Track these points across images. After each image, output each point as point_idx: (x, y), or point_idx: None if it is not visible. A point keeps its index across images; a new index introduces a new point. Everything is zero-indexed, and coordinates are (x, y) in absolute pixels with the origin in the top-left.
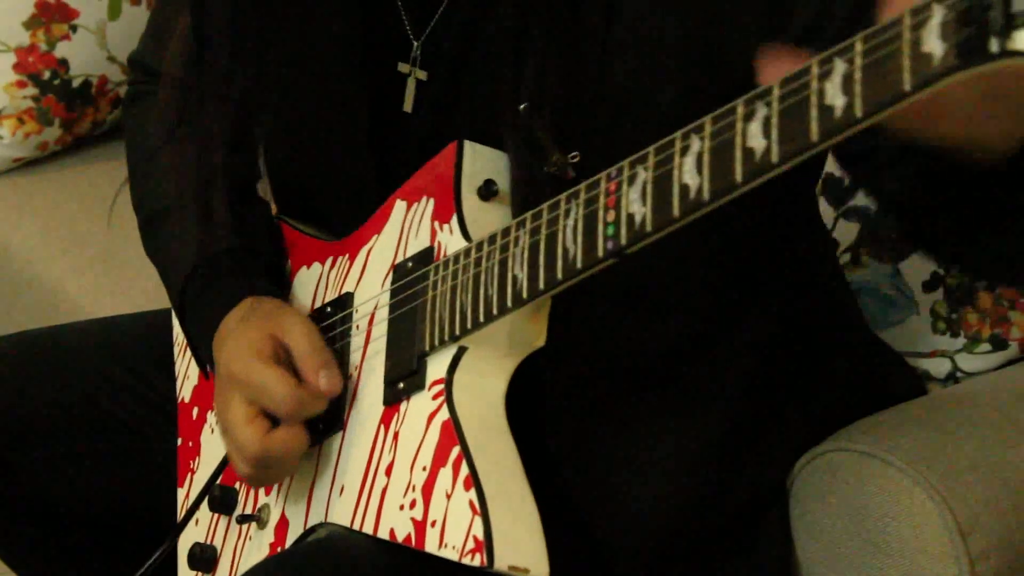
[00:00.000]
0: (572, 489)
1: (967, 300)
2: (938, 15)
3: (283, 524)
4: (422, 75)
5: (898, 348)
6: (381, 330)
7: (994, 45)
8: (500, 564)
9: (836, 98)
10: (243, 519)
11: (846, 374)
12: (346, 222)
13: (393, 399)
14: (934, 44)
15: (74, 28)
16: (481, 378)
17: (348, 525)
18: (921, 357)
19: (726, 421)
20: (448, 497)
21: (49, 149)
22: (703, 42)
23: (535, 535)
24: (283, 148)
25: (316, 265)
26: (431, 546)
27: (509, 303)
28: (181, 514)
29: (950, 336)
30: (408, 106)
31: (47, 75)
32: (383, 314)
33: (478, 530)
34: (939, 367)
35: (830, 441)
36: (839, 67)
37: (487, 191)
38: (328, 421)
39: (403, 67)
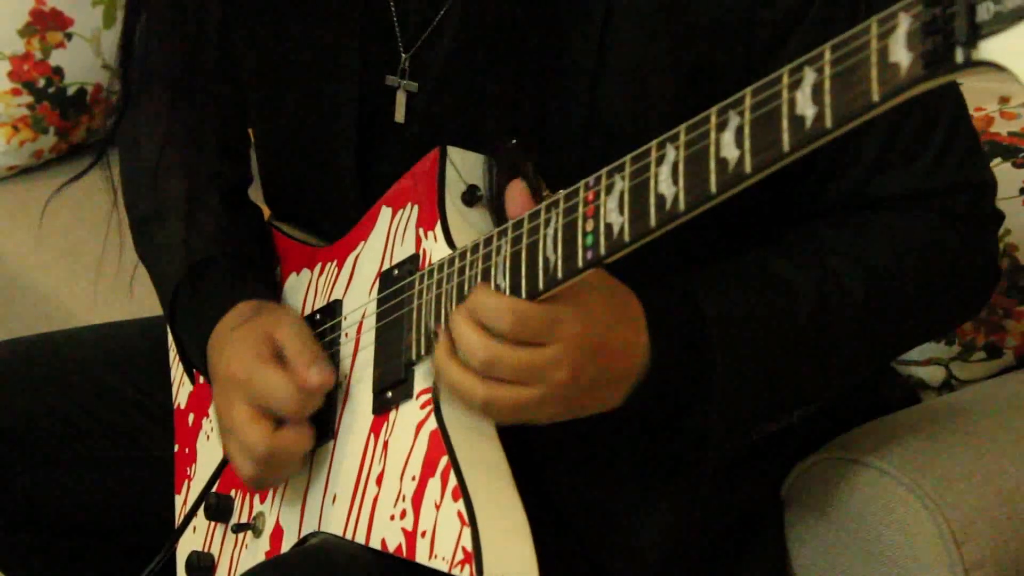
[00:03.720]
0: (566, 511)
1: None
2: (904, 24)
3: (278, 533)
4: (412, 87)
5: None
6: (369, 339)
7: (959, 55)
8: (489, 574)
9: (807, 108)
10: (239, 528)
11: None
12: (335, 227)
13: (382, 408)
14: (901, 54)
15: (69, 36)
16: None
17: (341, 534)
18: (916, 365)
19: None
20: (437, 507)
21: (44, 157)
22: (693, 66)
23: (524, 545)
24: (273, 153)
25: (305, 271)
26: (421, 557)
27: None
28: (179, 521)
29: (945, 344)
30: (400, 116)
31: (42, 83)
32: (371, 322)
33: (467, 541)
34: (934, 375)
35: (824, 450)
36: (809, 76)
37: (471, 197)
38: (319, 429)
39: (391, 79)
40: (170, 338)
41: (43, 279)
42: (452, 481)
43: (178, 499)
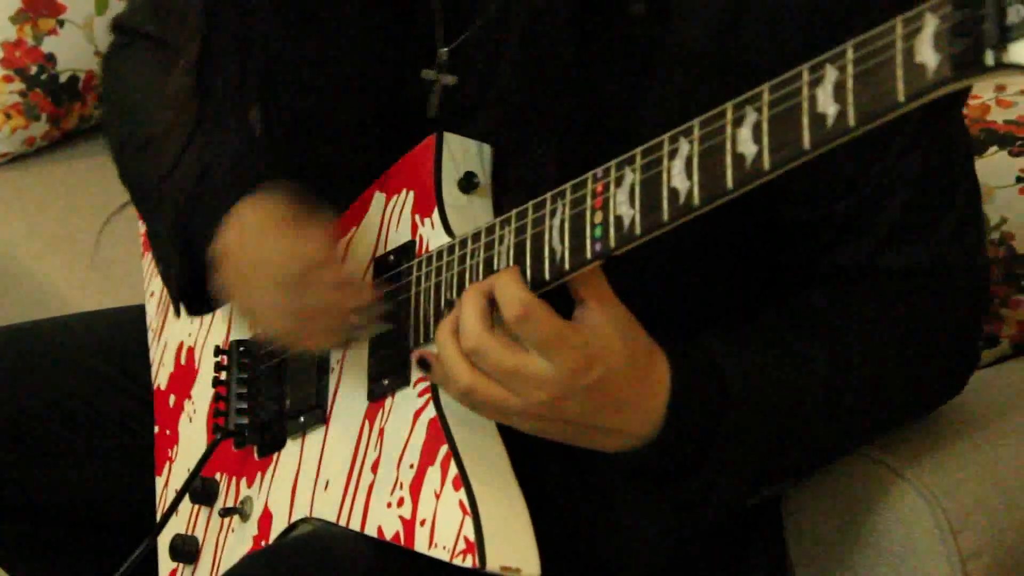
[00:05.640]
0: (565, 510)
1: None
2: (931, 25)
3: (267, 517)
4: (451, 80)
5: None
6: None
7: (990, 58)
8: (492, 565)
9: (828, 106)
10: (226, 512)
11: None
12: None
13: (378, 395)
14: (928, 55)
15: (61, 23)
16: None
17: (334, 521)
18: None
19: None
20: (437, 496)
21: (36, 144)
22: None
23: (526, 534)
24: (291, 136)
25: None
26: (421, 546)
27: None
28: (160, 503)
29: None
30: (432, 112)
31: (34, 70)
32: None
33: (469, 531)
34: None
35: None
36: (831, 74)
37: (468, 184)
38: (311, 413)
39: (428, 73)
40: (149, 317)
41: (36, 267)
42: (452, 470)
43: (159, 480)
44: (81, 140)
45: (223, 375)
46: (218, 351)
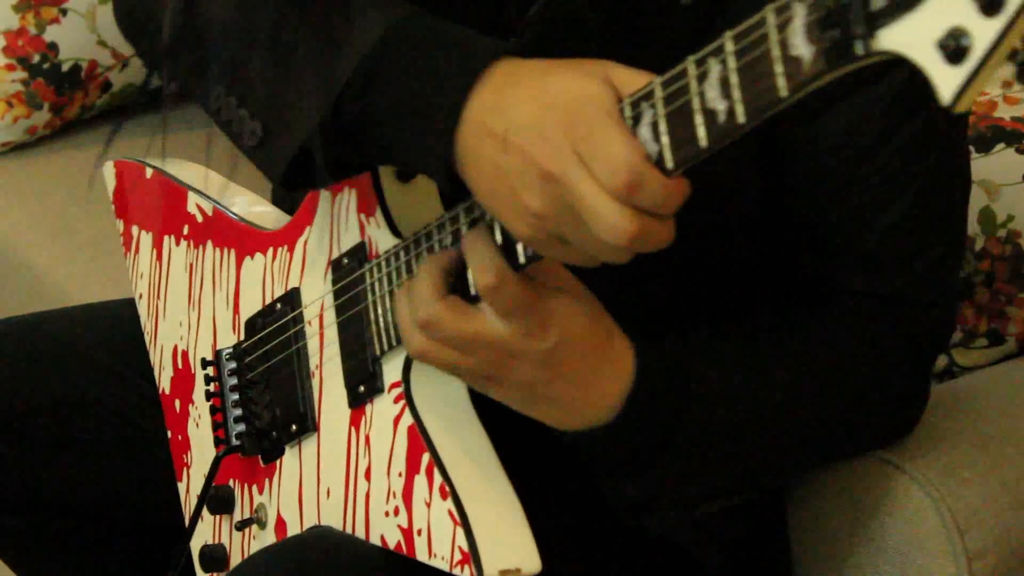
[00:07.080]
0: (560, 503)
1: (964, 295)
2: (800, 15)
3: (282, 524)
4: None
5: None
6: (333, 333)
7: (859, 47)
8: (490, 572)
9: (717, 103)
10: (242, 524)
11: None
12: None
13: (357, 402)
14: (802, 48)
15: (64, 12)
16: (439, 374)
17: (340, 528)
18: None
19: None
20: (428, 506)
21: (38, 133)
22: None
23: (521, 532)
24: None
25: (259, 256)
26: (421, 555)
27: None
28: (185, 510)
29: None
30: None
31: (36, 59)
32: (331, 316)
33: (461, 541)
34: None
35: None
36: (714, 69)
37: (406, 172)
38: (301, 422)
39: None
40: (144, 319)
41: (37, 257)
42: (438, 478)
43: (180, 487)
44: (83, 129)
45: (214, 386)
46: (205, 363)
